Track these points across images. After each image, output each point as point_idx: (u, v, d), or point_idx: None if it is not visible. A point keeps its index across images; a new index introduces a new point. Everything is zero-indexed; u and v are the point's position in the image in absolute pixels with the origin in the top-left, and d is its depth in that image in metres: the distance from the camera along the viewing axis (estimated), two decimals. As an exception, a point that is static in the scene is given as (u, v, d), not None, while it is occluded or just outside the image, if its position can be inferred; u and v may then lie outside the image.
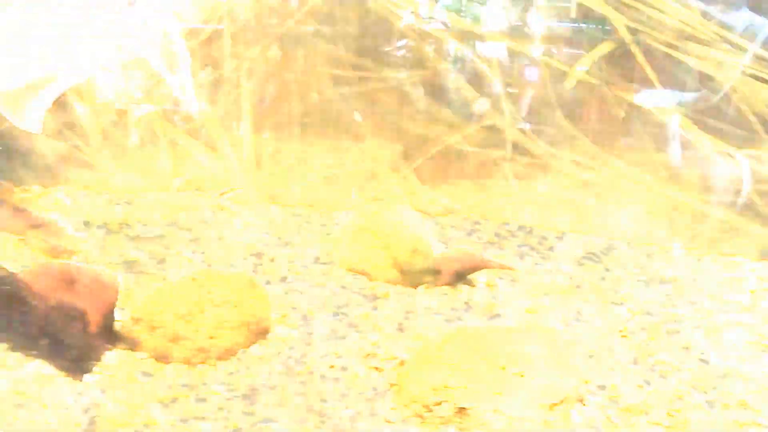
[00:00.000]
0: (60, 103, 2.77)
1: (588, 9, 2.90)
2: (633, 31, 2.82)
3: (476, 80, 3.10)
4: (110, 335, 1.99)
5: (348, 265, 2.47)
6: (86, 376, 1.85)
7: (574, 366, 1.86)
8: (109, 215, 2.82)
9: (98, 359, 1.92)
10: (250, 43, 3.30)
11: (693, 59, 2.76)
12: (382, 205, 2.58)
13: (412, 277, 2.39)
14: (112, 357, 1.94)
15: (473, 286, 2.37)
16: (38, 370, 1.85)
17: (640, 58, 2.81)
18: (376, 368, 1.91)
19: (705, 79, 2.82)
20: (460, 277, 2.37)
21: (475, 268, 2.37)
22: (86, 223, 2.72)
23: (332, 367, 1.91)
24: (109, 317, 1.99)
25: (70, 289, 2.00)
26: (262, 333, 2.02)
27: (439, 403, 1.69)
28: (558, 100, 3.04)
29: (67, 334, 1.94)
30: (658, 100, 2.82)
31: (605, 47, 2.87)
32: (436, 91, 3.21)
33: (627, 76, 2.93)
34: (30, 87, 1.99)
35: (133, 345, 1.97)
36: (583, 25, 2.93)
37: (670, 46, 2.78)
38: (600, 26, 2.88)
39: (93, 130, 3.20)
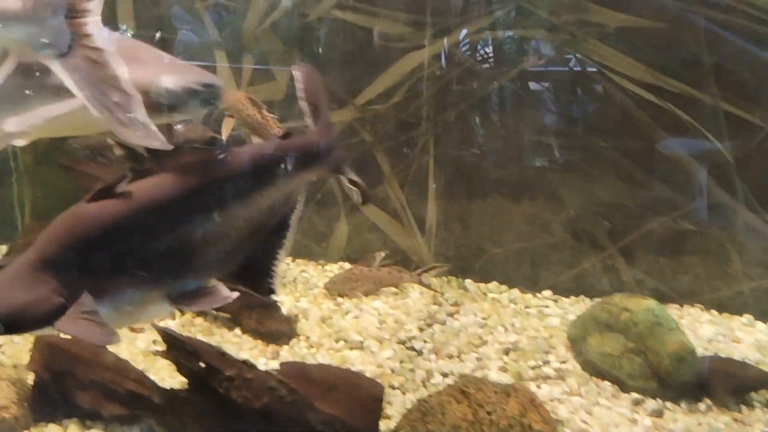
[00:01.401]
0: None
1: None
2: None
3: (703, 154, 2.82)
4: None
5: (592, 370, 2.21)
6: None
7: None
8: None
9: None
10: (446, 106, 3.14)
11: None
12: (626, 298, 2.31)
13: (674, 391, 2.09)
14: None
15: (751, 408, 2.06)
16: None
17: None
18: None
19: None
20: (737, 393, 2.06)
21: (757, 384, 2.05)
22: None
23: None
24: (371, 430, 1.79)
25: (328, 397, 1.82)
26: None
27: None
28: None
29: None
30: None
31: None
32: (649, 161, 2.95)
33: None
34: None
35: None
36: None
37: None
38: None
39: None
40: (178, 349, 1.68)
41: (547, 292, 2.92)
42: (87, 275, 1.42)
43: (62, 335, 1.58)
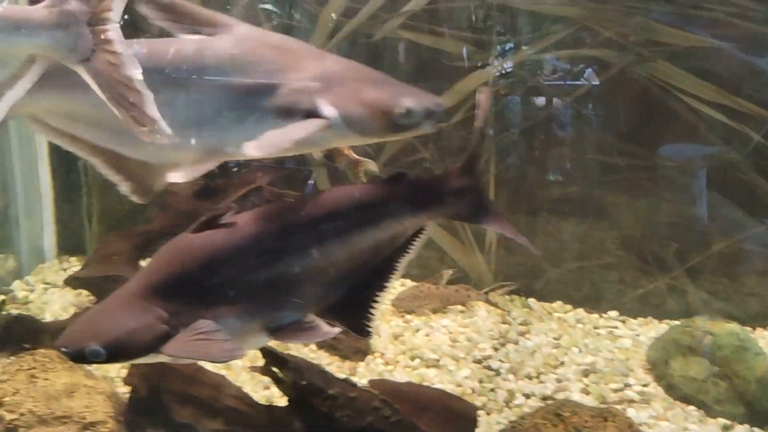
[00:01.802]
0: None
1: None
2: None
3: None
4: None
5: (676, 394, 2.19)
6: None
7: None
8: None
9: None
10: (509, 125, 3.16)
11: None
12: (708, 321, 2.29)
13: (762, 416, 2.06)
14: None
15: None
16: None
17: None
18: None
19: None
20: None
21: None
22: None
23: None
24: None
25: (423, 417, 1.82)
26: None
27: None
28: None
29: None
30: None
31: None
32: (715, 181, 2.93)
33: None
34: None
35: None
36: None
37: None
38: None
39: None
40: (279, 366, 1.71)
41: (613, 313, 2.90)
42: (189, 304, 1.45)
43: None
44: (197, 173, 1.33)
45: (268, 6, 3.20)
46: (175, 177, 1.32)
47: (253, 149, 1.27)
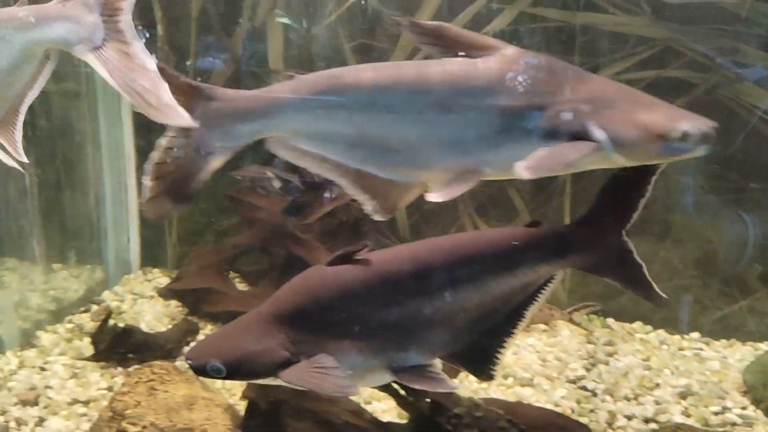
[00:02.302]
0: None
1: None
2: None
3: None
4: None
5: (780, 419, 2.18)
6: None
7: None
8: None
9: None
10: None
11: None
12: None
13: None
14: None
15: None
16: None
17: None
18: None
19: None
20: None
21: None
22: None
23: None
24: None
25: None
26: None
27: None
28: None
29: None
30: None
31: None
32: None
33: None
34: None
35: None
36: None
37: None
38: None
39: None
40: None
41: (694, 334, 2.89)
42: (314, 334, 1.50)
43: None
44: (455, 194, 1.34)
45: (285, 20, 3.28)
46: (434, 197, 1.34)
47: (524, 170, 1.26)
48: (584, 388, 2.34)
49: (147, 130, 3.30)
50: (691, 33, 2.88)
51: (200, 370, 1.50)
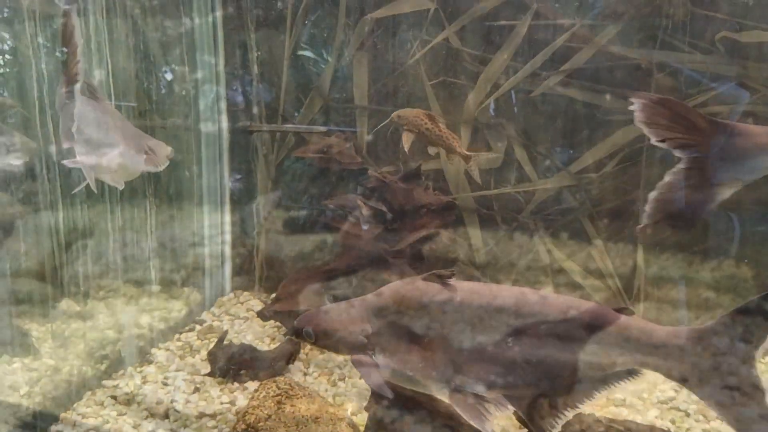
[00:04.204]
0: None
1: None
2: None
3: None
4: None
5: None
6: None
7: None
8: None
9: None
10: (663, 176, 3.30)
11: None
12: None
13: None
14: None
15: None
16: None
17: None
18: None
19: None
20: None
21: None
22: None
23: None
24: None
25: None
26: None
27: None
28: None
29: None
30: None
31: None
32: None
33: None
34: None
35: None
36: None
37: None
38: None
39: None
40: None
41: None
42: (386, 334, 1.81)
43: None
44: None
45: (306, 53, 3.49)
46: None
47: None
48: (677, 409, 2.45)
49: (240, 174, 3.58)
50: (765, 70, 3.01)
51: (297, 333, 1.90)
